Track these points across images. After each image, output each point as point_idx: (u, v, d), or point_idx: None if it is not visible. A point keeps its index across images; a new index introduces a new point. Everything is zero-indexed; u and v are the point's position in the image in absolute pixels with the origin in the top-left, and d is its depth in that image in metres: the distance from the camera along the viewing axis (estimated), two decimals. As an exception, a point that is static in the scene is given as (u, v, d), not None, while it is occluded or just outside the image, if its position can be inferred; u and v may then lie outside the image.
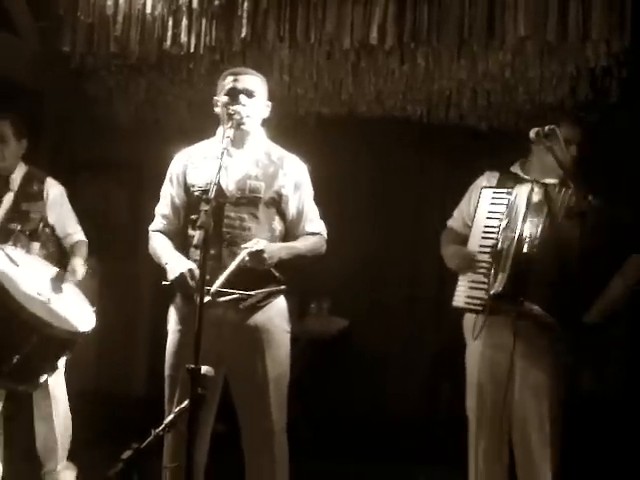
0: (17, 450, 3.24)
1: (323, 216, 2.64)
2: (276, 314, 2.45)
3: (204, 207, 2.00)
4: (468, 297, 2.62)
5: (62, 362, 2.84)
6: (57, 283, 2.93)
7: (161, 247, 2.49)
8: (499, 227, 2.60)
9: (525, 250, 2.50)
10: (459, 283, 2.68)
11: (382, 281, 4.89)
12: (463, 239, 2.80)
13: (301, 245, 2.49)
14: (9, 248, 2.90)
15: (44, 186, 3.16)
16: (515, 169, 2.81)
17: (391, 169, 4.90)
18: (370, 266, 4.81)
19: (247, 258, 2.27)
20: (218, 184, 2.08)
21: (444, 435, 3.98)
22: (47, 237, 3.17)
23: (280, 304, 2.48)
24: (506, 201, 2.61)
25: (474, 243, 2.68)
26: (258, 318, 2.40)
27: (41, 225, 3.13)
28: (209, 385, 1.89)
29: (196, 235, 2.18)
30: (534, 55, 3.50)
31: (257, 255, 2.28)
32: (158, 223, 2.57)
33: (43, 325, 2.58)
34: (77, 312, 2.87)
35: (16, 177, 3.15)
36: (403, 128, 4.62)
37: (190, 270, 2.28)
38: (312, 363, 2.56)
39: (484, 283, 2.58)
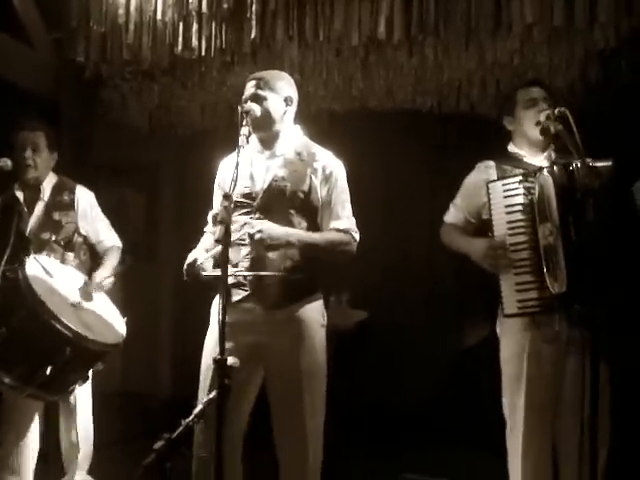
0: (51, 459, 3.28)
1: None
2: (311, 308, 2.45)
3: (224, 203, 2.04)
4: (519, 301, 2.44)
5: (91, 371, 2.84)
6: (88, 292, 2.92)
7: (199, 244, 2.54)
8: (526, 221, 2.45)
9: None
10: (503, 289, 2.47)
11: (400, 273, 4.92)
12: (469, 235, 2.70)
13: (318, 235, 2.44)
14: (43, 258, 2.90)
15: (75, 195, 3.19)
16: (513, 149, 2.70)
17: (404, 162, 4.93)
18: (387, 258, 4.85)
19: (247, 238, 2.29)
20: (235, 181, 2.12)
21: (465, 425, 4.03)
22: (79, 245, 3.18)
23: (316, 298, 2.47)
24: (522, 191, 2.47)
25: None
26: (293, 311, 2.41)
27: (75, 236, 3.15)
28: (235, 376, 1.92)
29: (217, 231, 2.23)
30: (542, 41, 3.51)
31: (254, 235, 2.28)
32: (208, 227, 2.60)
33: (78, 337, 2.58)
34: (110, 323, 2.89)
35: (46, 187, 3.17)
36: (415, 121, 4.66)
37: (194, 260, 2.32)
38: (332, 355, 2.59)
39: (532, 283, 2.42)
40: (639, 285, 2.38)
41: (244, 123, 2.31)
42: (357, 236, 2.52)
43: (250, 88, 2.48)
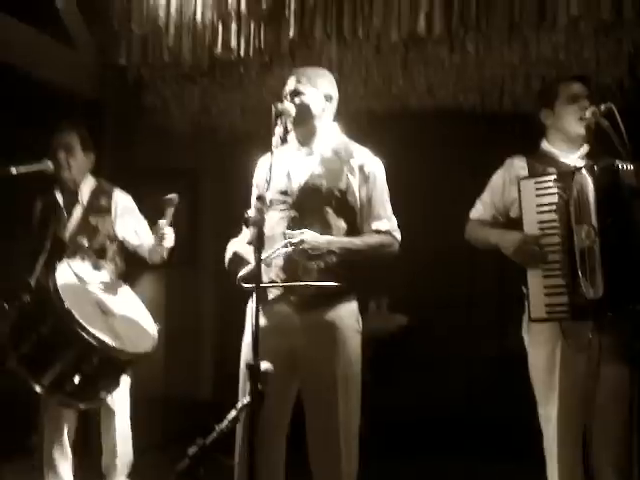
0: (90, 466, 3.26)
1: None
2: (346, 313, 2.39)
3: (257, 205, 2.01)
4: (548, 306, 2.34)
5: (124, 379, 2.82)
6: (119, 295, 2.87)
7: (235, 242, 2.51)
8: (560, 222, 2.34)
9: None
10: (531, 292, 2.38)
11: (441, 277, 4.83)
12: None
13: (359, 241, 2.39)
14: (76, 263, 2.87)
15: (112, 199, 3.15)
16: (546, 147, 2.60)
17: (446, 161, 4.84)
18: (428, 262, 4.76)
19: (289, 248, 2.26)
20: (269, 183, 2.09)
21: (505, 433, 3.93)
22: (115, 252, 3.14)
23: (351, 303, 2.42)
24: (556, 190, 2.35)
25: None
26: (328, 316, 2.35)
27: (108, 242, 3.11)
28: (269, 381, 1.86)
29: (249, 232, 2.20)
30: (588, 35, 3.41)
31: (297, 245, 2.25)
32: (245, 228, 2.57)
33: (105, 347, 2.55)
34: (143, 330, 2.84)
35: (84, 190, 3.15)
36: (457, 119, 4.56)
37: (235, 253, 2.32)
38: (372, 361, 2.54)
39: (563, 287, 2.31)
40: None
41: (278, 123, 2.28)
42: (399, 236, 2.49)
43: (291, 83, 2.48)
